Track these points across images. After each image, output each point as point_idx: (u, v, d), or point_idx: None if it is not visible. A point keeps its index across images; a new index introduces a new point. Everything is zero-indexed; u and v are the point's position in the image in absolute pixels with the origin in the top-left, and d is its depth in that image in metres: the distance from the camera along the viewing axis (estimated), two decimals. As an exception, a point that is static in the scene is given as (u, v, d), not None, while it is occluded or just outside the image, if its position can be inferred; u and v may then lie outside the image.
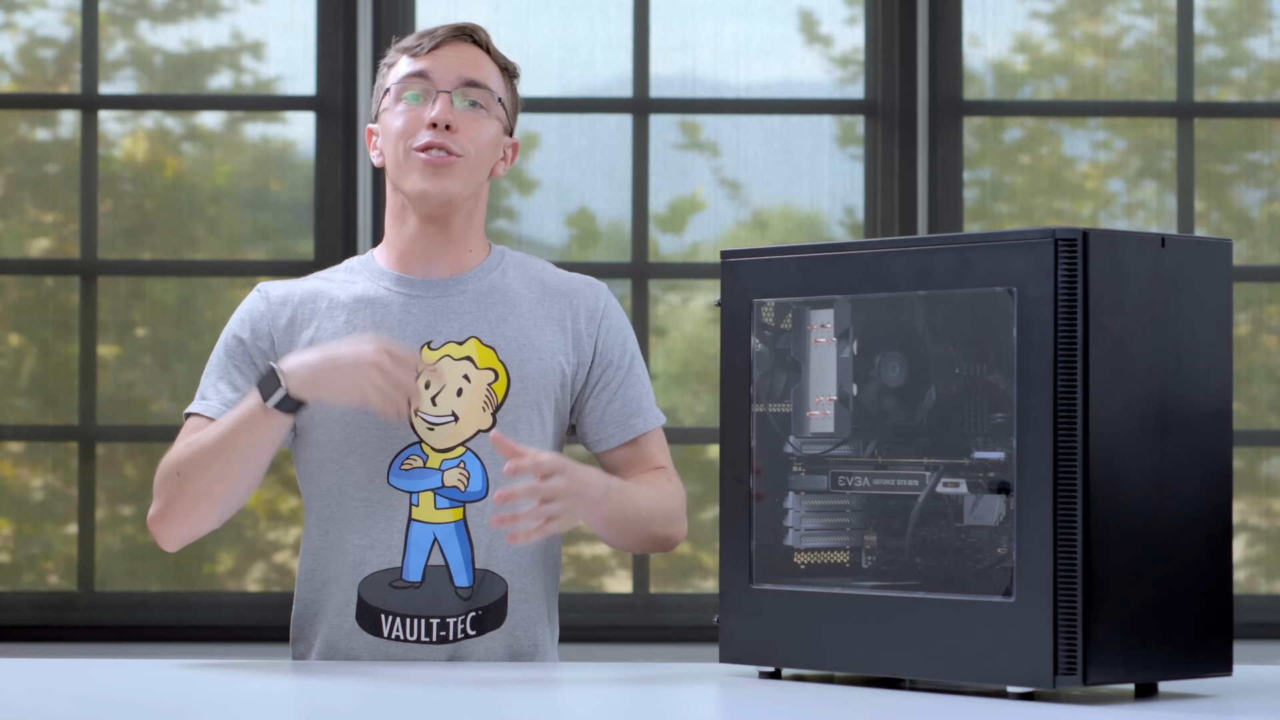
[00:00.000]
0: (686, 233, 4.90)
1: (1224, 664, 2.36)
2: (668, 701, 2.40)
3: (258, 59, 4.86)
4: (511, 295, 2.85)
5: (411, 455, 2.77)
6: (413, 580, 2.77)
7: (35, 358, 4.83)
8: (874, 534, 2.55)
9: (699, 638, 4.57)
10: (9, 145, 4.85)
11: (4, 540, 4.82)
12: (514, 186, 4.86)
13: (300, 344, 2.81)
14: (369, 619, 2.77)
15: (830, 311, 2.54)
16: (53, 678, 2.54)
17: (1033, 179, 4.93)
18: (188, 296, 4.84)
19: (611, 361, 2.89)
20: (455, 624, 2.77)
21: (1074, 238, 2.25)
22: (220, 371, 2.83)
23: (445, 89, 2.81)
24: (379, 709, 2.31)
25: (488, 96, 2.84)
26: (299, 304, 2.84)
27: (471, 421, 2.78)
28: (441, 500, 2.77)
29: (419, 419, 2.77)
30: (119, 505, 4.81)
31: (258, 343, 2.83)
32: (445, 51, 2.84)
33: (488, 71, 2.85)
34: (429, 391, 2.78)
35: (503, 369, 2.80)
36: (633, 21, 4.84)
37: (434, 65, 2.83)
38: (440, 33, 2.85)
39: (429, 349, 2.80)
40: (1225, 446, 2.37)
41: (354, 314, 2.82)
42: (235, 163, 4.87)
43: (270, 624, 4.67)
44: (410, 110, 2.82)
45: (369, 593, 2.77)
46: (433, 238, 2.85)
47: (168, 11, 4.86)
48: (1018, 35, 4.89)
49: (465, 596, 2.77)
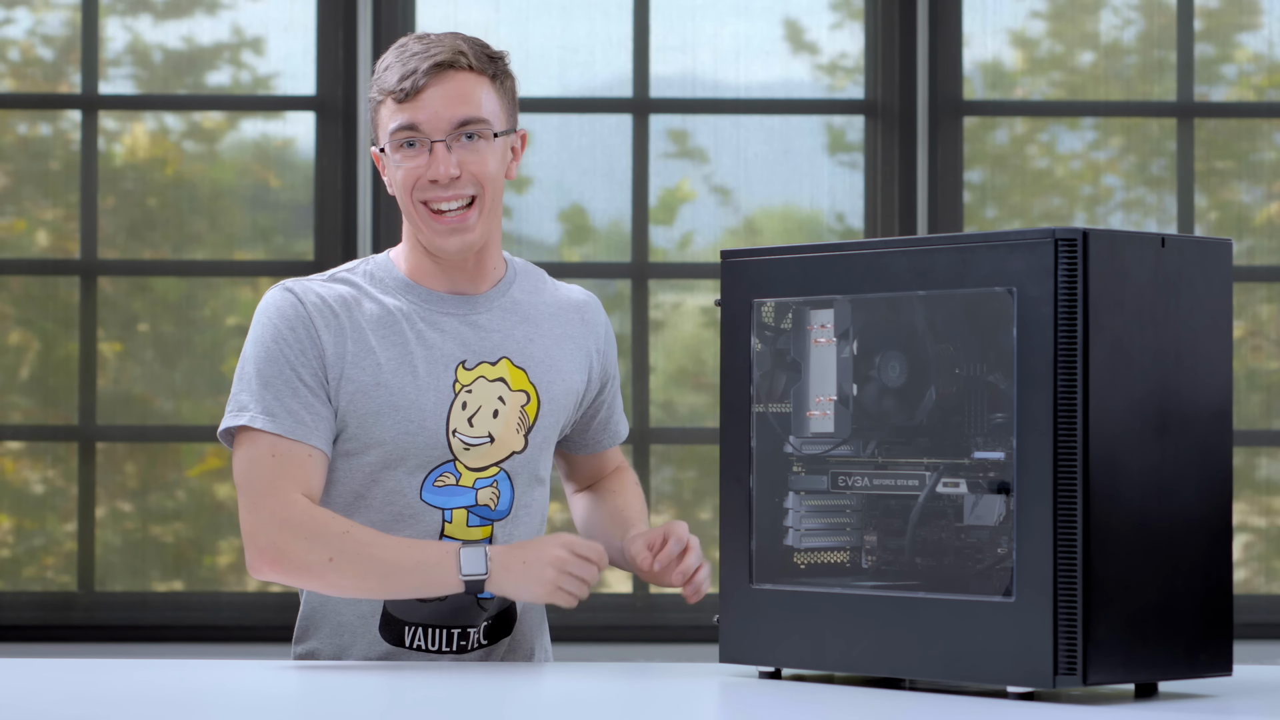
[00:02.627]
0: (676, 226, 4.90)
1: (1224, 664, 2.36)
2: (668, 701, 2.40)
3: (258, 54, 4.86)
4: (533, 313, 2.84)
5: (445, 473, 2.76)
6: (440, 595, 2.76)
7: (35, 357, 4.83)
8: (874, 534, 2.56)
9: (699, 638, 4.57)
10: (9, 144, 4.84)
11: (4, 540, 4.82)
12: (513, 186, 4.86)
13: (347, 357, 2.72)
14: (392, 630, 2.76)
15: (830, 311, 2.54)
16: (53, 678, 2.54)
17: (1031, 179, 4.92)
18: (190, 294, 4.84)
19: (611, 375, 2.95)
20: (473, 634, 2.78)
21: (1074, 238, 2.25)
22: (292, 390, 2.71)
23: (439, 139, 2.73)
24: (379, 709, 2.31)
25: (484, 128, 2.75)
26: (334, 313, 2.74)
27: (506, 443, 2.78)
28: (474, 518, 2.77)
29: (456, 439, 2.75)
30: (120, 504, 4.81)
31: (319, 356, 2.73)
32: (429, 95, 2.73)
33: (477, 99, 2.75)
34: (465, 412, 2.77)
35: (534, 391, 2.80)
36: (633, 21, 4.84)
37: (421, 115, 2.73)
38: (421, 72, 2.73)
39: (464, 368, 2.78)
40: (1225, 447, 2.37)
41: (387, 329, 2.75)
42: (235, 162, 4.86)
43: (270, 624, 4.67)
44: (409, 161, 2.75)
45: (396, 606, 2.76)
46: (458, 266, 2.81)
47: (168, 8, 4.86)
48: (1017, 35, 4.89)
49: (486, 608, 2.78)
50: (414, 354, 2.75)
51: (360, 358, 2.73)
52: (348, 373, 2.72)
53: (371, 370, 2.73)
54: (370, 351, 2.74)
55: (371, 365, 2.73)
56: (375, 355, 2.74)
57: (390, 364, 2.74)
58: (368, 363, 2.73)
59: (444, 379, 2.75)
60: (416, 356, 2.75)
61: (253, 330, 2.76)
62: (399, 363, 2.74)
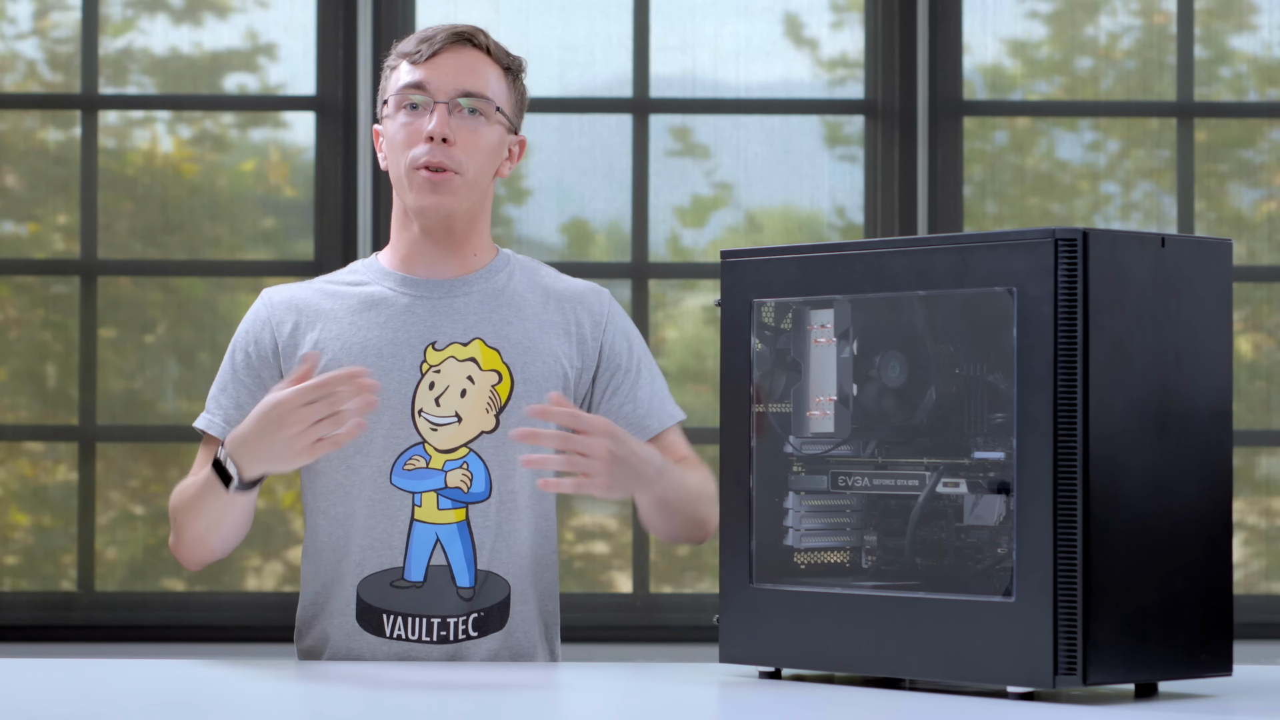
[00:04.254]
0: (705, 230, 4.90)
1: (1224, 664, 2.36)
2: (668, 701, 2.40)
3: (272, 59, 4.86)
4: (516, 299, 2.85)
5: (414, 455, 2.77)
6: (414, 580, 2.77)
7: (35, 357, 4.83)
8: (874, 534, 2.56)
9: (699, 638, 4.57)
10: (9, 144, 4.84)
11: (5, 539, 4.82)
12: (512, 187, 4.86)
13: (305, 347, 2.82)
14: (370, 619, 2.78)
15: (830, 311, 2.54)
16: (53, 678, 2.54)
17: (1031, 179, 4.92)
18: (190, 294, 4.84)
19: (620, 365, 2.90)
20: (456, 624, 2.77)
21: (1074, 238, 2.25)
22: (224, 385, 2.86)
23: (442, 100, 2.80)
24: (380, 709, 2.31)
25: (486, 105, 2.83)
26: (303, 308, 2.85)
27: (474, 423, 2.78)
28: (444, 501, 2.77)
29: (423, 419, 2.77)
30: (120, 504, 4.81)
31: (261, 352, 2.85)
32: (443, 59, 2.82)
33: (486, 77, 2.84)
34: (433, 392, 2.78)
35: (506, 371, 2.80)
36: (633, 21, 4.84)
37: (431, 75, 2.82)
38: (439, 38, 2.83)
39: (433, 349, 2.80)
40: (1225, 446, 2.37)
41: (358, 315, 2.83)
42: (235, 162, 4.86)
43: (271, 623, 4.67)
44: (409, 122, 2.82)
45: (369, 593, 2.77)
46: (436, 243, 2.86)
47: (173, 13, 4.86)
48: (1016, 35, 4.89)
49: (467, 597, 2.77)
50: (381, 337, 2.81)
51: (326, 343, 2.81)
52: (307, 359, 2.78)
53: (334, 354, 2.79)
54: (336, 338, 2.81)
55: (335, 349, 2.80)
56: (341, 340, 2.81)
57: (355, 347, 2.80)
58: (332, 348, 2.80)
59: (410, 360, 2.79)
60: (384, 339, 2.80)
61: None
62: (363, 346, 2.80)
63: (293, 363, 2.83)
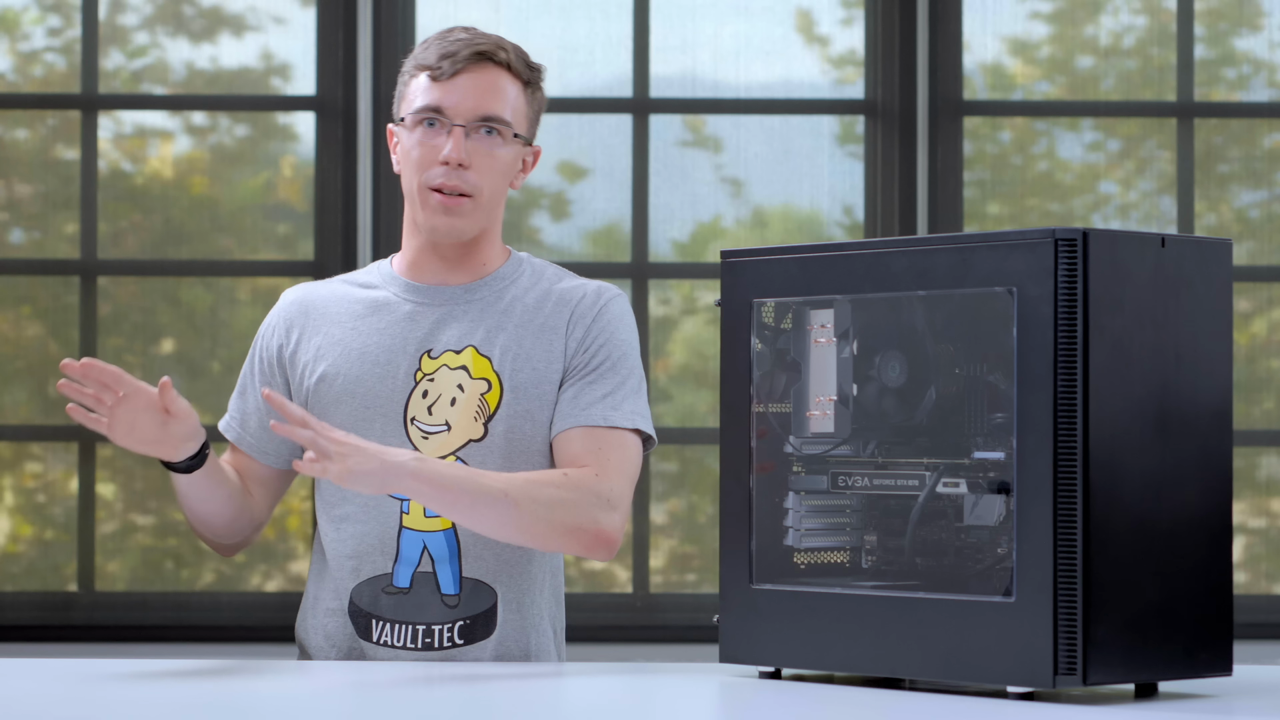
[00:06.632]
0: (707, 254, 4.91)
1: (1224, 664, 2.36)
2: (668, 701, 2.40)
3: (286, 80, 4.86)
4: (515, 305, 2.84)
5: None
6: (402, 586, 2.77)
7: (35, 357, 4.83)
8: (874, 534, 2.56)
9: (699, 638, 4.57)
10: (10, 144, 4.84)
11: (5, 539, 4.82)
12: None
13: (309, 349, 2.83)
14: (360, 623, 2.78)
15: (830, 311, 2.54)
16: (53, 678, 2.54)
17: (1032, 179, 4.92)
18: (192, 295, 4.84)
19: (591, 354, 2.80)
20: (441, 631, 2.76)
21: (1074, 238, 2.25)
22: (242, 388, 2.93)
23: (460, 123, 2.79)
24: (380, 709, 2.31)
25: (505, 128, 2.82)
26: (310, 311, 2.87)
27: (463, 431, 2.77)
28: (431, 509, 2.76)
29: (414, 427, 2.77)
30: (120, 504, 4.81)
31: (268, 356, 2.89)
32: (463, 80, 2.80)
33: (505, 97, 2.81)
34: (425, 400, 2.78)
35: (496, 379, 2.79)
36: (633, 21, 4.84)
37: (450, 97, 2.79)
38: (461, 55, 2.80)
39: (429, 357, 2.80)
40: (1225, 447, 2.37)
41: (361, 320, 2.84)
42: (236, 163, 4.86)
43: (270, 624, 4.67)
44: (426, 140, 2.80)
45: (361, 597, 2.78)
46: (445, 255, 2.85)
47: (178, 21, 4.86)
48: (1016, 35, 4.89)
49: (452, 605, 2.76)
50: (379, 344, 2.81)
51: (327, 349, 2.82)
52: (308, 364, 2.83)
53: (333, 360, 2.81)
54: (337, 343, 2.82)
55: (335, 355, 2.81)
56: (341, 346, 2.82)
57: (353, 354, 2.81)
58: (332, 353, 2.81)
59: (405, 368, 2.79)
60: (381, 346, 2.81)
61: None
62: (360, 353, 2.81)
63: (295, 367, 2.85)
